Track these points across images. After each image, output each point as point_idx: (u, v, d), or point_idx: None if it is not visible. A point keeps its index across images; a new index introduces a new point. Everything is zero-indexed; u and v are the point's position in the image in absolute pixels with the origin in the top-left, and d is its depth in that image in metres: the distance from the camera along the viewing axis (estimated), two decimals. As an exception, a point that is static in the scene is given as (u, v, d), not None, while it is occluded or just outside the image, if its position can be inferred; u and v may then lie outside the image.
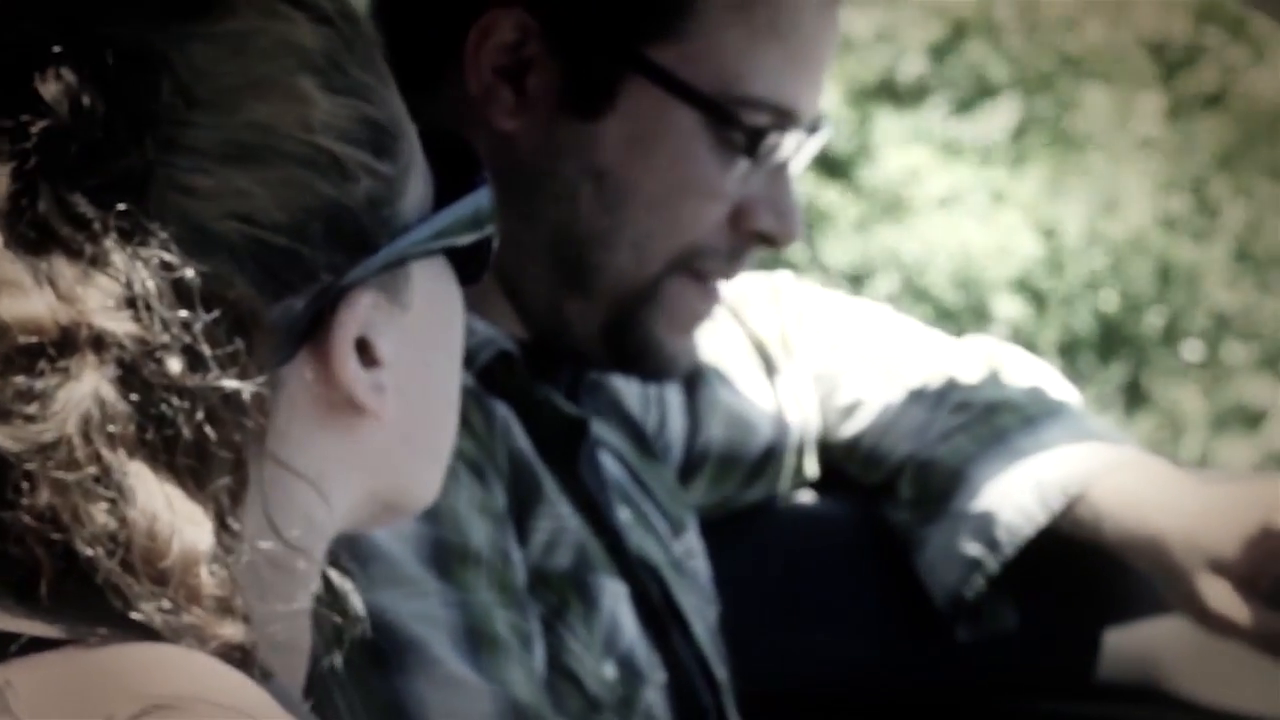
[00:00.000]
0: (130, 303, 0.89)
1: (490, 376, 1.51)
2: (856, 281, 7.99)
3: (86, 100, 0.91)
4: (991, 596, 1.79)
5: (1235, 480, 1.74)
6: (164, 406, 0.89)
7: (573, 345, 1.57)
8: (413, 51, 1.49)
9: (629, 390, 1.75)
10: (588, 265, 1.53)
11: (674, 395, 1.81)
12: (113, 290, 0.89)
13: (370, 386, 0.97)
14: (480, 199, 1.04)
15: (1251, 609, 1.61)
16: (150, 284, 0.89)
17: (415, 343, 1.01)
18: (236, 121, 0.94)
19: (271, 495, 0.95)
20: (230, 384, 0.90)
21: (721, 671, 1.63)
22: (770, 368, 1.86)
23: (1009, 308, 8.88)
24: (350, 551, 1.31)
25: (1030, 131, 9.13)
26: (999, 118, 9.11)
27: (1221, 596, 1.63)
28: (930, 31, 9.07)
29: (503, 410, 1.50)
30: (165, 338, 0.89)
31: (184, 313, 0.89)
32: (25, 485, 0.87)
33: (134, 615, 0.86)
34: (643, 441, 1.72)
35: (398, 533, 1.38)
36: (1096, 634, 1.80)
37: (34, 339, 0.88)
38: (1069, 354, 8.78)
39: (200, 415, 0.89)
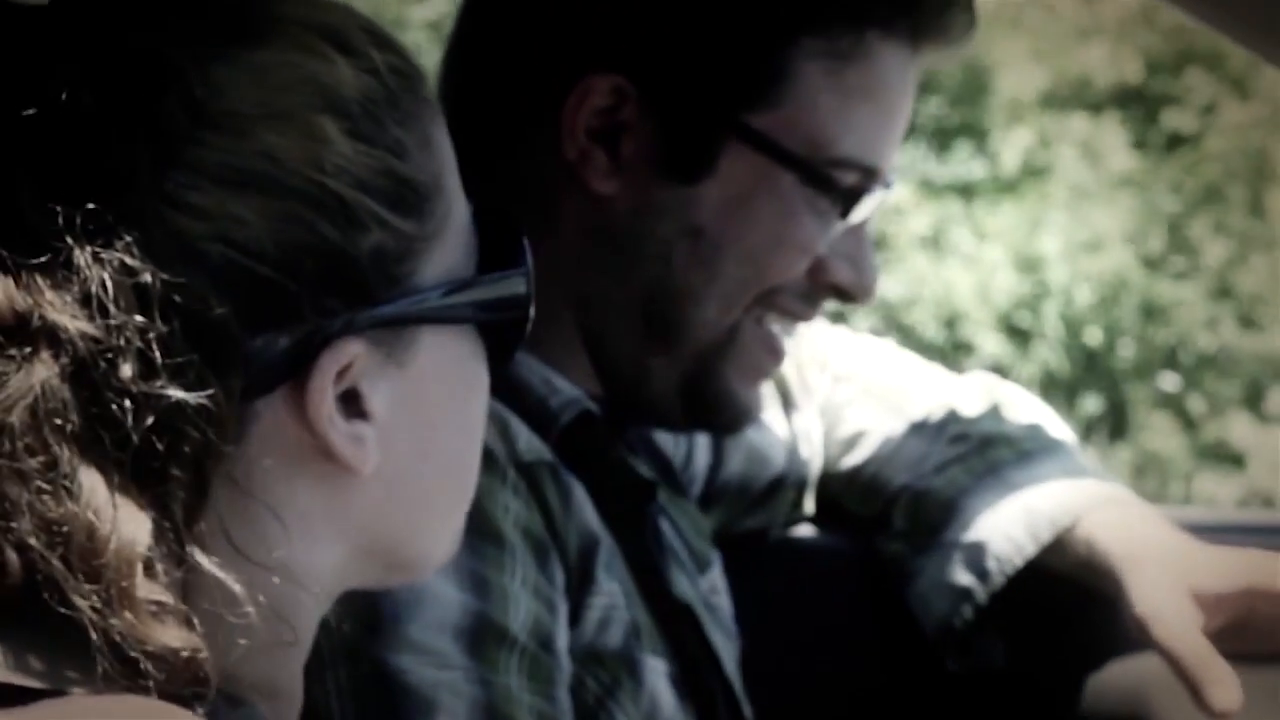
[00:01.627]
0: (87, 301, 0.88)
1: (570, 436, 1.52)
2: (839, 318, 8.01)
3: (84, 98, 0.91)
4: (981, 629, 1.80)
5: (1226, 530, 1.73)
6: (114, 408, 0.88)
7: (650, 402, 1.58)
8: (502, 117, 1.54)
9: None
10: (677, 320, 1.54)
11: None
12: (71, 287, 0.89)
13: (348, 436, 0.96)
14: (515, 283, 1.03)
15: (1195, 641, 1.61)
16: (109, 285, 0.88)
17: (415, 405, 0.99)
18: (244, 147, 0.93)
19: (237, 525, 0.93)
20: (176, 394, 0.88)
21: (748, 710, 1.65)
22: (789, 404, 1.87)
23: (992, 344, 8.91)
24: (377, 608, 1.33)
25: (1013, 169, 9.16)
26: (980, 157, 9.14)
27: (1197, 654, 1.62)
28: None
29: (579, 488, 1.51)
30: (120, 340, 0.88)
31: (140, 318, 0.89)
32: None
33: (65, 611, 0.86)
34: (673, 479, 1.73)
35: (440, 598, 1.38)
36: (1085, 668, 1.82)
37: None
38: (1050, 389, 8.81)
39: (150, 421, 0.88)
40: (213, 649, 0.90)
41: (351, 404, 0.96)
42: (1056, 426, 1.84)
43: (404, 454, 0.99)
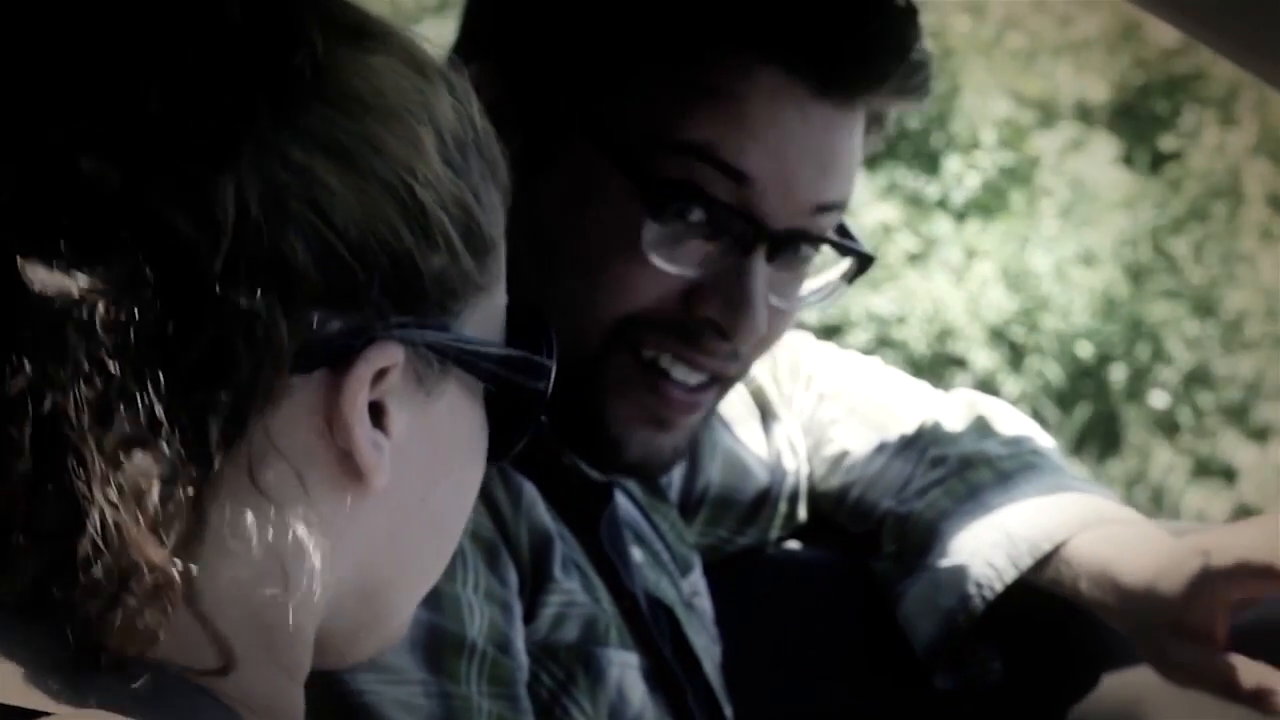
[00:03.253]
0: (189, 206, 0.90)
1: None
2: (829, 334, 8.02)
3: (232, 17, 0.93)
4: (971, 647, 1.81)
5: (1201, 531, 1.72)
6: (187, 312, 0.90)
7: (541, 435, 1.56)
8: None
9: None
10: None
11: None
12: (176, 187, 0.90)
13: (370, 440, 0.96)
14: (539, 363, 1.04)
15: (1209, 657, 1.61)
16: (208, 201, 0.90)
17: (429, 444, 1.00)
18: (352, 127, 0.95)
19: (240, 505, 0.94)
20: (245, 301, 0.90)
21: (729, 711, 1.66)
22: (767, 415, 1.87)
23: (984, 359, 8.92)
24: None
25: (1000, 186, 9.18)
26: (970, 173, 9.16)
27: (1182, 650, 1.63)
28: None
29: (529, 487, 1.50)
30: (205, 247, 0.90)
31: (229, 239, 0.90)
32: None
33: (83, 490, 0.88)
34: (651, 482, 1.73)
35: None
36: (1078, 682, 1.82)
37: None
38: (1039, 403, 8.82)
39: (211, 329, 0.90)
40: (208, 612, 0.92)
41: (375, 417, 0.97)
42: (1041, 441, 1.84)
43: (407, 489, 1.00)
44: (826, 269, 1.57)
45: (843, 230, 1.55)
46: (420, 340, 0.97)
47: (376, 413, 0.97)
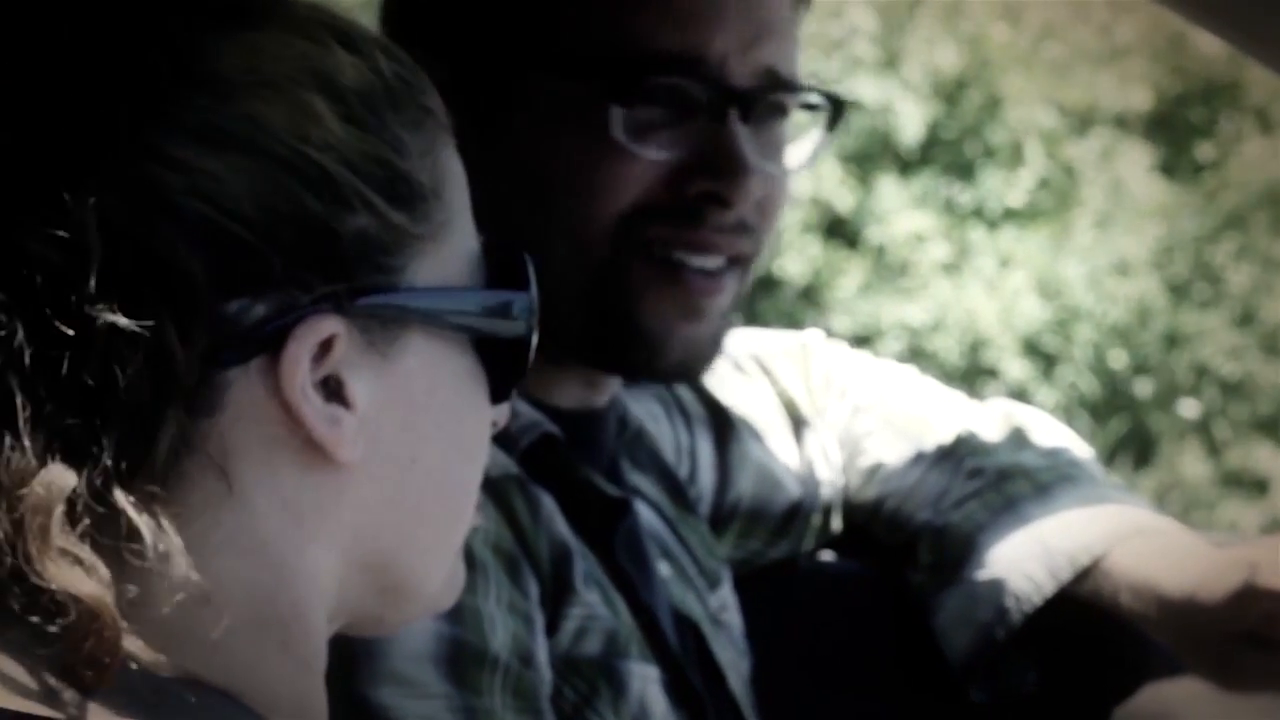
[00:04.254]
0: (56, 230, 0.89)
1: (534, 459, 1.51)
2: (862, 344, 8.02)
3: (67, 38, 0.92)
4: (1007, 659, 1.81)
5: (1243, 542, 1.74)
6: (64, 335, 0.88)
7: (578, 360, 1.55)
8: None
9: (665, 442, 1.77)
10: (536, 268, 1.53)
11: (705, 448, 1.81)
12: (43, 215, 0.89)
13: (323, 415, 0.94)
14: (514, 303, 1.02)
15: (1272, 659, 1.61)
16: (80, 219, 0.89)
17: (402, 406, 0.98)
18: (227, 109, 0.92)
19: (209, 502, 0.92)
20: (121, 320, 0.88)
21: None
22: (799, 426, 1.85)
23: (1016, 369, 8.91)
24: (353, 643, 1.28)
25: (1035, 195, 9.17)
26: (1006, 181, 9.15)
27: (1241, 655, 1.63)
28: (929, 99, 9.12)
29: (548, 499, 1.50)
30: (81, 271, 0.88)
31: (106, 253, 0.89)
32: None
33: None
34: (680, 495, 1.73)
35: (415, 628, 1.36)
36: (1113, 694, 1.82)
37: None
38: (1072, 415, 8.80)
39: (99, 355, 0.89)
40: (186, 632, 0.91)
41: (332, 391, 0.95)
42: (1078, 451, 1.83)
43: (392, 455, 0.98)
44: (804, 138, 1.60)
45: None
46: (355, 306, 0.94)
47: (334, 386, 0.95)
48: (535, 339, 1.02)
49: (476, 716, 1.39)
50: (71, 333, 0.89)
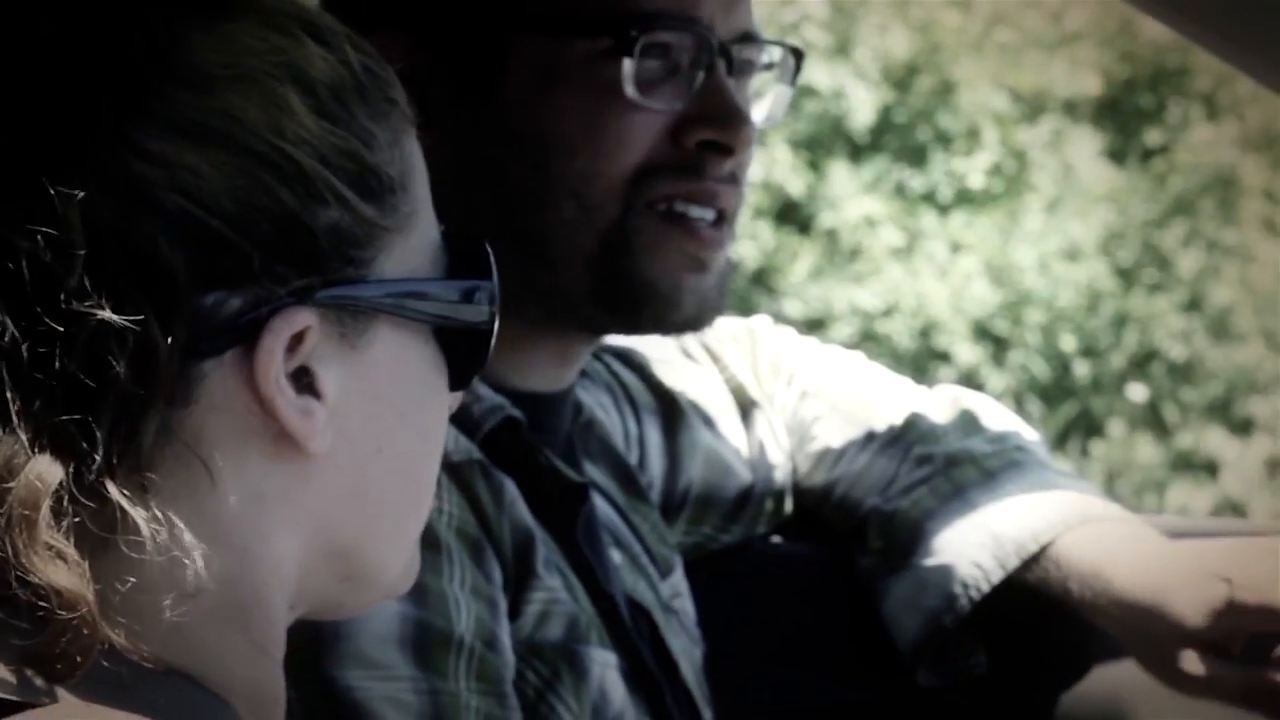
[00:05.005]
0: (37, 224, 0.90)
1: (495, 442, 1.53)
2: (814, 328, 8.03)
3: (46, 33, 0.93)
4: (955, 643, 1.81)
5: (1196, 537, 1.71)
6: (49, 330, 0.89)
7: (575, 321, 1.57)
8: None
9: (614, 431, 1.77)
10: (538, 232, 1.53)
11: (654, 435, 1.82)
12: (25, 209, 0.90)
13: (296, 407, 0.95)
14: (475, 287, 1.03)
15: (1225, 669, 1.62)
16: (63, 213, 0.90)
17: (370, 395, 0.99)
18: (205, 103, 0.93)
19: (180, 487, 0.94)
20: (106, 315, 0.89)
21: (708, 714, 1.66)
22: (747, 411, 1.87)
23: (967, 354, 8.94)
24: (319, 626, 1.32)
25: (986, 180, 9.19)
26: (958, 167, 9.17)
27: (1194, 661, 1.63)
28: (880, 85, 9.13)
29: (510, 485, 1.51)
30: (64, 265, 0.90)
31: (88, 248, 0.90)
32: None
33: None
34: (631, 483, 1.74)
35: (380, 610, 1.38)
36: (1063, 676, 1.83)
37: None
38: (1023, 398, 8.83)
39: (83, 350, 0.90)
40: (153, 618, 0.91)
41: (304, 382, 0.96)
42: (1026, 437, 1.84)
43: (358, 444, 0.99)
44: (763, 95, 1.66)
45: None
46: (327, 298, 0.96)
47: (305, 378, 0.96)
48: (496, 326, 1.03)
49: (441, 699, 1.40)
50: (56, 327, 0.89)
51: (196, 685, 0.94)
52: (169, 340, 0.91)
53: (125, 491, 0.91)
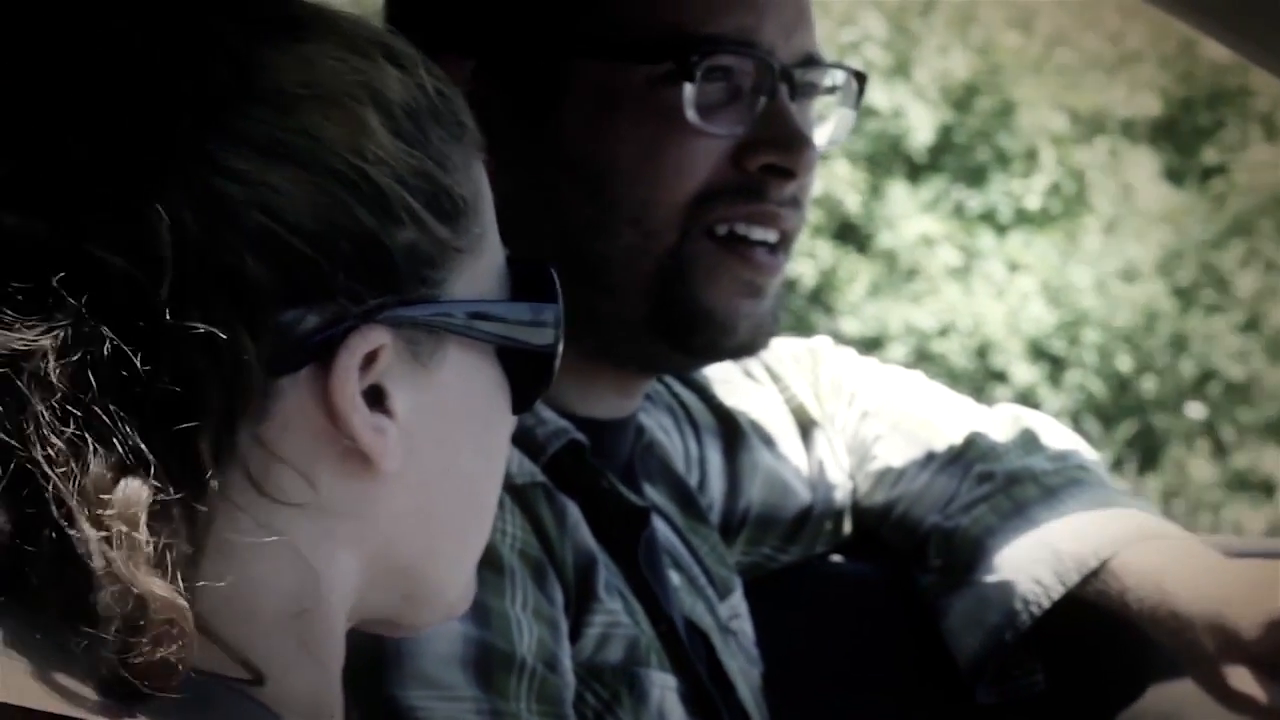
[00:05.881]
0: (129, 241, 0.90)
1: (559, 465, 1.53)
2: (870, 348, 8.02)
3: (137, 50, 0.93)
4: (1015, 661, 1.81)
5: (1254, 557, 1.71)
6: (142, 346, 0.89)
7: (632, 353, 1.57)
8: None
9: (675, 453, 1.78)
10: (596, 259, 1.53)
11: (714, 457, 1.81)
12: (115, 226, 0.90)
13: (370, 425, 0.95)
14: (544, 314, 1.03)
15: (1274, 690, 1.61)
16: (153, 229, 0.90)
17: (439, 416, 0.99)
18: (287, 123, 0.94)
19: (258, 505, 0.94)
20: (197, 329, 0.89)
21: None
22: (808, 431, 1.87)
23: (1024, 373, 8.91)
24: (383, 645, 1.33)
25: (1044, 200, 9.17)
26: (1012, 186, 9.15)
27: (1244, 678, 1.63)
28: (939, 105, 9.11)
29: (573, 508, 1.51)
30: (155, 280, 0.90)
31: (179, 266, 0.90)
32: None
33: (74, 534, 0.88)
34: (691, 504, 1.74)
35: (443, 630, 1.38)
36: (1121, 695, 1.83)
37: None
38: (1079, 418, 8.80)
39: (175, 366, 0.90)
40: (218, 631, 0.92)
41: (376, 401, 0.96)
42: (1085, 455, 1.84)
43: (426, 464, 0.99)
44: (828, 119, 1.66)
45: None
46: (402, 317, 0.97)
47: (377, 396, 0.96)
48: (560, 349, 1.04)
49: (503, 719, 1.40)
50: (146, 342, 0.90)
51: (251, 699, 0.94)
52: (258, 355, 0.91)
53: (211, 507, 0.91)
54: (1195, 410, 9.09)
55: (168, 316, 0.90)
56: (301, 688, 0.97)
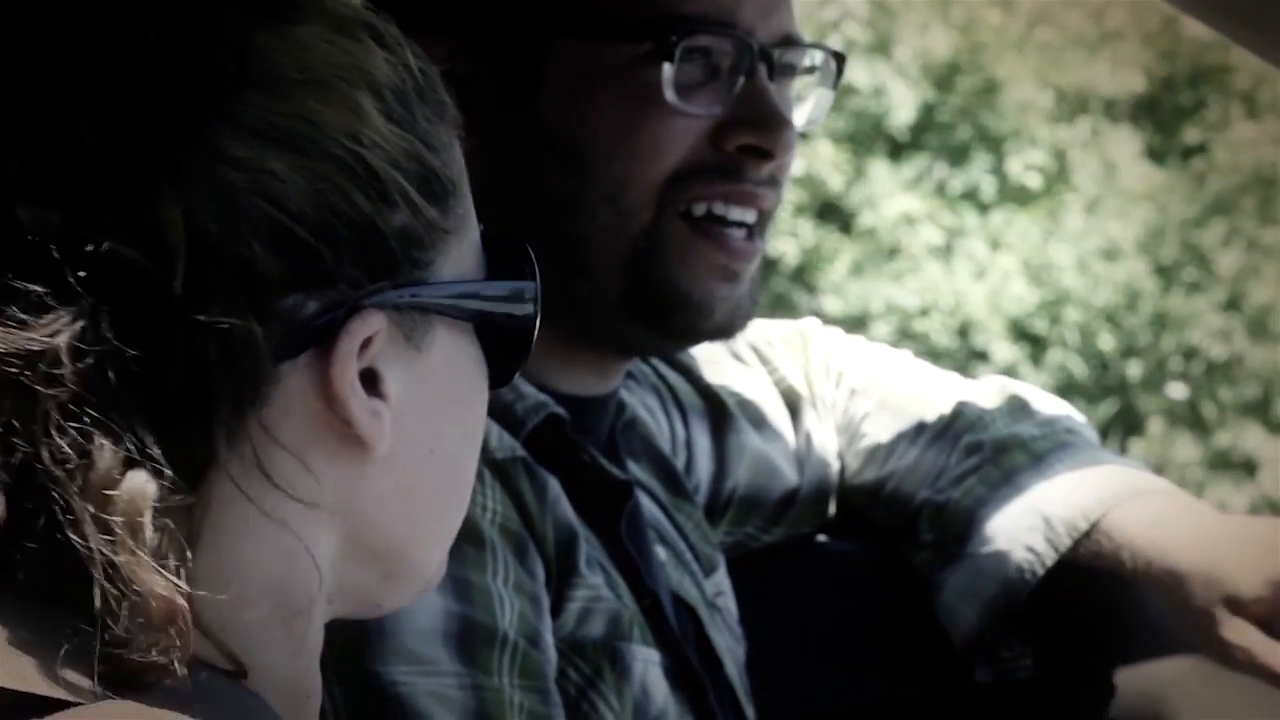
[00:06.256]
0: (140, 229, 0.90)
1: (538, 439, 1.53)
2: (852, 326, 8.03)
3: (147, 36, 0.93)
4: (1008, 639, 1.80)
5: (1251, 516, 1.74)
6: (153, 335, 0.90)
7: (609, 334, 1.57)
8: None
9: (660, 433, 1.78)
10: (573, 236, 1.53)
11: (701, 439, 1.82)
12: (124, 213, 0.90)
13: (367, 410, 0.96)
14: (522, 291, 1.04)
15: (1269, 645, 1.61)
16: (162, 217, 0.90)
17: (427, 397, 1.00)
18: (284, 108, 0.94)
19: (255, 490, 0.94)
20: (213, 318, 0.90)
21: (751, 711, 1.67)
22: (796, 412, 1.87)
23: (1005, 352, 8.93)
24: (368, 621, 1.29)
25: (1026, 179, 9.18)
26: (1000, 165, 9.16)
27: (1242, 633, 1.63)
28: (922, 84, 9.13)
29: (554, 482, 1.52)
30: (165, 268, 0.90)
31: (189, 254, 0.90)
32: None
33: (75, 538, 0.88)
34: (675, 482, 1.74)
35: (425, 605, 1.39)
36: (1109, 674, 1.83)
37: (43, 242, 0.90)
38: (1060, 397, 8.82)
39: (183, 349, 0.90)
40: (204, 615, 0.91)
41: (370, 384, 0.97)
42: (1073, 419, 1.84)
43: (413, 445, 1.00)
44: (805, 98, 1.65)
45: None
46: (398, 301, 0.97)
47: (371, 379, 0.97)
48: (538, 324, 1.05)
49: (485, 694, 1.40)
50: (160, 334, 0.90)
51: (229, 680, 0.94)
52: (267, 343, 0.92)
53: (214, 497, 0.92)
54: (1176, 390, 9.11)
55: (177, 307, 0.89)
56: (281, 671, 0.97)
